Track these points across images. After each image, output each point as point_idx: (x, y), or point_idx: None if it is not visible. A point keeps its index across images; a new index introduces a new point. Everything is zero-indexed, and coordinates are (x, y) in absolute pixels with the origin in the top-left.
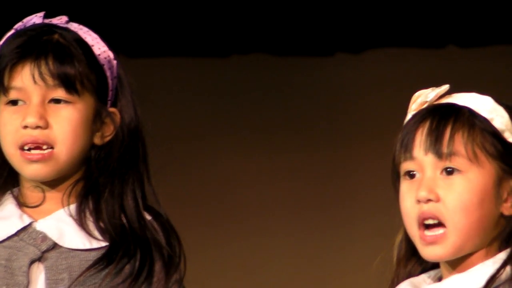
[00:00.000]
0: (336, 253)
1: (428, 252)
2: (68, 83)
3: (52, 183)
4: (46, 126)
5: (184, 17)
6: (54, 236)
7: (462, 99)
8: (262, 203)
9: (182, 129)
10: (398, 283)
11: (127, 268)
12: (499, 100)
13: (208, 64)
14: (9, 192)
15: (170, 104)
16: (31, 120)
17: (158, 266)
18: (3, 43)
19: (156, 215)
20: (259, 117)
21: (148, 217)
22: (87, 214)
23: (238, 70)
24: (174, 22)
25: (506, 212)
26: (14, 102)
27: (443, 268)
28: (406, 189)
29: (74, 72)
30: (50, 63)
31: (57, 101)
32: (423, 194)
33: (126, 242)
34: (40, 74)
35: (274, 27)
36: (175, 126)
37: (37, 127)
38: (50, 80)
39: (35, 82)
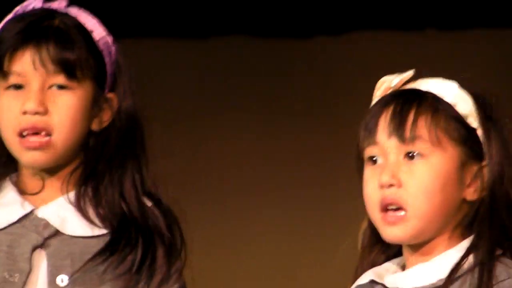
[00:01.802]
0: (316, 236)
1: (388, 233)
2: (68, 69)
3: (50, 170)
4: (46, 112)
5: None
6: (56, 223)
7: (426, 84)
8: (245, 185)
9: (160, 111)
10: (362, 271)
11: (130, 258)
12: (464, 86)
13: (187, 46)
14: (8, 178)
15: (147, 85)
16: (31, 106)
17: (159, 254)
18: (2, 27)
19: (156, 201)
20: (237, 99)
21: (148, 203)
22: (87, 201)
23: (217, 52)
24: (152, 2)
25: (469, 197)
26: (13, 87)
27: (405, 253)
28: (369, 174)
29: (75, 58)
30: (51, 49)
31: (57, 87)
32: (385, 178)
33: (128, 231)
34: (41, 59)
35: (254, 9)
36: (151, 106)
37: (36, 113)
38: (50, 66)
39: (35, 67)
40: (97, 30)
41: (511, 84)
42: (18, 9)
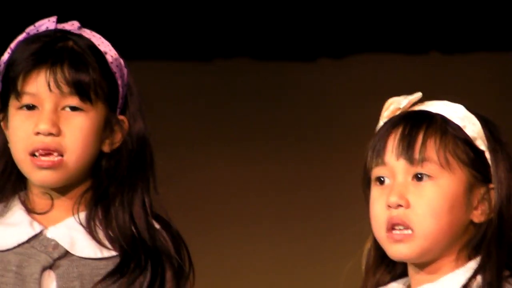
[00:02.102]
0: (314, 261)
1: (394, 250)
2: (82, 91)
3: (61, 190)
4: (59, 133)
5: (167, 20)
6: (65, 244)
7: (434, 106)
8: (242, 208)
9: (161, 134)
10: None
11: (139, 280)
12: (471, 109)
13: (191, 68)
14: (16, 197)
15: (150, 108)
16: (44, 127)
17: (168, 277)
18: (16, 47)
19: (164, 224)
20: (240, 121)
21: (156, 226)
22: (97, 222)
23: (221, 75)
24: (156, 25)
25: (476, 220)
26: (26, 107)
27: (410, 272)
28: (377, 194)
29: (89, 80)
30: (66, 70)
31: (70, 108)
32: (393, 199)
33: (137, 253)
34: (56, 81)
35: (258, 32)
36: (154, 130)
37: (50, 134)
38: (65, 88)
39: (50, 89)
40: (110, 52)
41: None
42: (31, 28)
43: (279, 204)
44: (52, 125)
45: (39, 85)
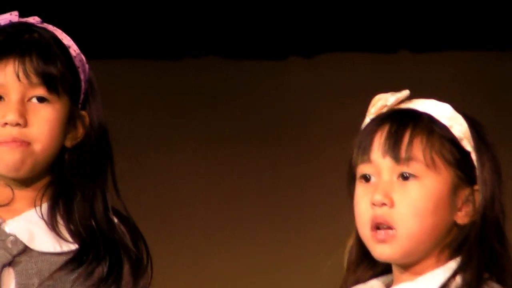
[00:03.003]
0: (289, 259)
1: (378, 251)
2: (50, 83)
3: (23, 182)
4: (26, 124)
5: (137, 18)
6: (24, 238)
7: (422, 105)
8: (210, 211)
9: (131, 132)
10: None
11: (97, 271)
12: (457, 108)
13: (161, 67)
14: None
15: (119, 106)
16: (12, 117)
17: (126, 269)
18: None
19: (122, 218)
20: (210, 120)
21: (114, 220)
22: (58, 216)
23: (191, 73)
24: (126, 23)
25: (460, 221)
26: None
27: (395, 271)
28: (362, 192)
29: (57, 71)
30: (35, 61)
31: (37, 99)
32: (378, 197)
33: (96, 245)
34: (25, 71)
35: (228, 30)
36: (124, 128)
37: (17, 124)
38: (34, 78)
39: (19, 79)
40: (73, 46)
41: (484, 105)
42: None
43: (252, 206)
44: (20, 116)
45: (7, 75)
